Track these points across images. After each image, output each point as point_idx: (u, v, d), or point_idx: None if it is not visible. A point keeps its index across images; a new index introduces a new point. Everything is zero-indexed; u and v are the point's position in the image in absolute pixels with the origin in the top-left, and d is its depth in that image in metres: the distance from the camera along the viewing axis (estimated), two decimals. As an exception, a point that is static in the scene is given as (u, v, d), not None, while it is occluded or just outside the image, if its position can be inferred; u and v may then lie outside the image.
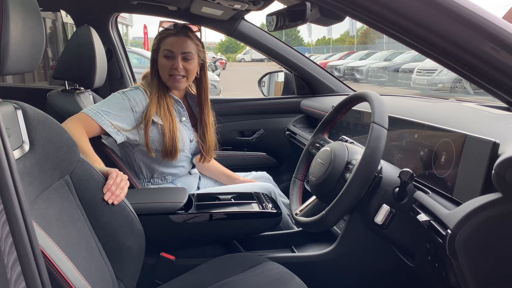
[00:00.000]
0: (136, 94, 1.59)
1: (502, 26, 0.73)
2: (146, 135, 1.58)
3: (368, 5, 0.76)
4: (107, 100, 1.57)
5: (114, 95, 1.59)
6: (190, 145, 1.72)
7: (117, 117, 1.52)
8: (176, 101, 1.69)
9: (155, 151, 1.62)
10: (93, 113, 1.49)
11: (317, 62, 2.46)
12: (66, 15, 2.54)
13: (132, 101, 1.57)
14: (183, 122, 1.71)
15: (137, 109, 1.57)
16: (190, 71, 1.64)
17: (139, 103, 1.58)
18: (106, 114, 1.50)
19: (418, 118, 1.15)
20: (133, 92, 1.60)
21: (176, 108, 1.68)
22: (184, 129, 1.70)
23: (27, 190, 0.86)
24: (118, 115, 1.53)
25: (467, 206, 0.80)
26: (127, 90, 1.62)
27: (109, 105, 1.54)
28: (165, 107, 1.61)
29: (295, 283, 1.14)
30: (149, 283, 1.39)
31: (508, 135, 0.86)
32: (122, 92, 1.60)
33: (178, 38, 1.61)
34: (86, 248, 1.01)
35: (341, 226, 1.53)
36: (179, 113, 1.70)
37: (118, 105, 1.54)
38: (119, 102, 1.55)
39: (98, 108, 1.52)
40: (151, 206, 1.39)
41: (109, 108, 1.52)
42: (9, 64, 0.76)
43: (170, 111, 1.63)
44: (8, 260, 0.54)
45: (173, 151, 1.61)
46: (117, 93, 1.59)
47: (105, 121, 1.49)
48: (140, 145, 1.61)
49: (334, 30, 53.75)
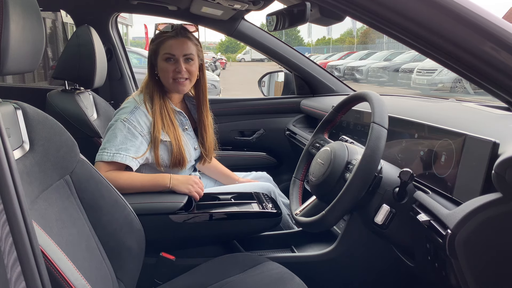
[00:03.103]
0: (139, 116, 1.52)
1: (502, 26, 0.73)
2: (156, 155, 1.53)
3: (368, 5, 0.76)
4: (114, 134, 1.49)
5: (118, 127, 1.50)
6: (194, 153, 1.70)
7: (133, 147, 1.48)
8: (177, 113, 1.64)
9: (165, 167, 1.58)
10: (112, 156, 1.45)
11: (317, 62, 2.46)
12: (66, 15, 2.55)
13: (138, 127, 1.51)
14: (186, 131, 1.68)
15: (144, 132, 1.52)
16: (193, 73, 1.60)
17: (144, 126, 1.52)
18: (124, 150, 1.46)
19: (418, 118, 1.15)
20: (135, 116, 1.52)
21: (178, 118, 1.64)
22: (187, 138, 1.67)
23: (27, 190, 0.86)
24: (133, 145, 1.48)
25: (467, 206, 0.80)
26: (128, 114, 1.52)
27: (122, 140, 1.48)
28: (168, 119, 1.56)
29: (295, 283, 1.14)
30: (149, 283, 1.39)
31: (508, 135, 0.86)
32: (125, 120, 1.50)
33: (178, 40, 1.56)
34: (86, 248, 1.01)
35: (341, 226, 1.53)
36: (181, 123, 1.66)
37: (128, 136, 1.48)
38: (127, 133, 1.49)
39: (113, 148, 1.46)
40: (151, 206, 1.39)
41: (122, 143, 1.47)
42: (9, 64, 0.76)
43: (173, 122, 1.58)
44: (8, 260, 0.54)
45: (181, 161, 1.58)
46: (120, 123, 1.50)
47: (127, 158, 1.46)
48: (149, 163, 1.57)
49: (334, 30, 53.80)
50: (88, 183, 1.08)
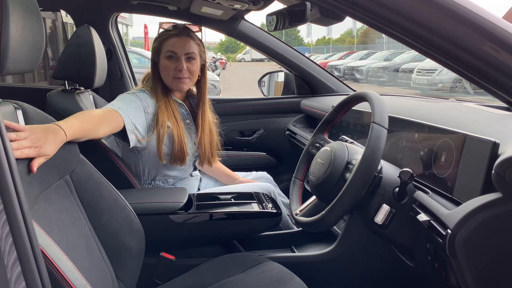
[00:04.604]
0: (145, 96, 1.55)
1: (502, 26, 0.73)
2: (159, 141, 1.53)
3: (368, 5, 0.76)
4: (120, 99, 1.49)
5: (125, 95, 1.52)
6: (194, 147, 1.71)
7: (134, 116, 1.45)
8: (179, 105, 1.67)
9: (165, 155, 1.58)
10: (116, 108, 1.39)
11: (317, 62, 2.46)
12: (66, 15, 2.54)
13: (144, 102, 1.52)
14: (188, 125, 1.69)
15: (149, 110, 1.53)
16: (194, 72, 1.61)
17: (150, 105, 1.54)
18: (127, 110, 1.42)
19: (418, 118, 1.15)
20: (142, 94, 1.56)
21: (180, 111, 1.66)
22: (188, 132, 1.68)
23: (27, 190, 0.86)
24: (135, 114, 1.46)
25: (467, 206, 0.80)
26: (136, 91, 1.57)
27: (126, 103, 1.45)
28: (172, 113, 1.58)
29: (295, 283, 1.14)
30: (149, 283, 1.39)
31: (508, 135, 0.86)
32: (132, 93, 1.54)
33: (181, 39, 1.58)
34: (86, 248, 1.01)
35: (341, 226, 1.53)
36: (183, 116, 1.67)
37: (133, 104, 1.48)
38: (133, 101, 1.49)
39: (116, 104, 1.43)
40: (151, 206, 1.39)
41: (127, 106, 1.44)
42: (9, 64, 0.76)
43: (176, 116, 1.60)
44: (8, 260, 0.54)
45: (181, 156, 1.59)
46: (127, 94, 1.54)
47: (127, 117, 1.41)
48: (147, 149, 1.58)
49: (334, 30, 53.78)
50: (88, 183, 1.08)
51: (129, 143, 1.44)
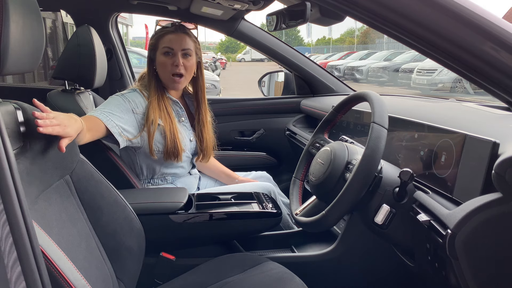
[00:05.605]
0: (135, 96, 1.59)
1: (502, 26, 0.73)
2: (149, 138, 1.56)
3: (368, 5, 0.76)
4: (107, 102, 1.55)
5: (113, 97, 1.57)
6: (190, 145, 1.72)
7: (121, 118, 1.50)
8: (174, 102, 1.69)
9: (157, 152, 1.61)
10: (98, 113, 1.45)
11: (317, 62, 2.46)
12: (66, 15, 2.54)
13: (132, 103, 1.56)
14: (182, 122, 1.71)
15: (138, 110, 1.56)
16: (189, 69, 1.64)
17: (139, 105, 1.57)
18: (110, 114, 1.47)
19: (418, 118, 1.15)
20: (132, 94, 1.59)
21: (174, 109, 1.68)
22: (183, 130, 1.70)
23: (27, 190, 0.86)
24: (121, 116, 1.50)
25: (467, 206, 0.80)
26: (125, 92, 1.61)
27: (111, 107, 1.51)
28: (164, 109, 1.60)
29: (295, 283, 1.14)
30: (149, 283, 1.39)
31: (508, 135, 0.86)
32: (121, 94, 1.58)
33: (177, 35, 1.61)
34: (86, 248, 1.01)
35: (341, 226, 1.53)
36: (177, 114, 1.70)
37: (119, 107, 1.52)
38: (120, 103, 1.53)
39: (100, 109, 1.49)
40: (151, 206, 1.39)
41: (112, 110, 1.49)
42: (9, 64, 0.76)
43: (169, 113, 1.62)
44: (8, 260, 0.54)
45: (175, 152, 1.61)
46: (115, 96, 1.58)
47: (110, 121, 1.45)
48: (142, 147, 1.60)
49: (334, 30, 53.81)
50: (88, 183, 1.08)
51: (119, 144, 1.49)
